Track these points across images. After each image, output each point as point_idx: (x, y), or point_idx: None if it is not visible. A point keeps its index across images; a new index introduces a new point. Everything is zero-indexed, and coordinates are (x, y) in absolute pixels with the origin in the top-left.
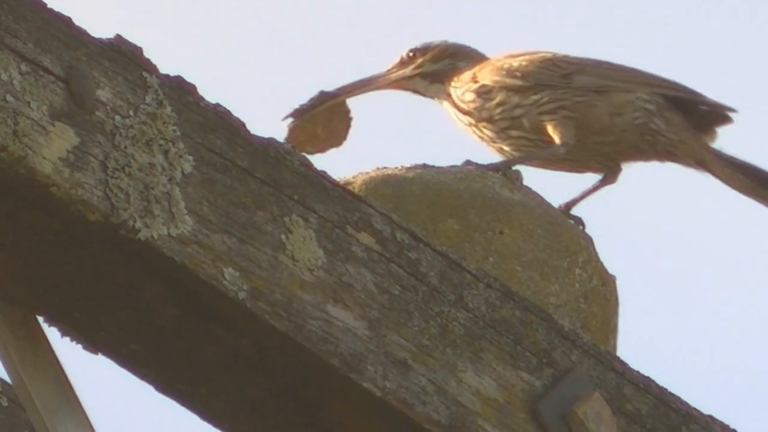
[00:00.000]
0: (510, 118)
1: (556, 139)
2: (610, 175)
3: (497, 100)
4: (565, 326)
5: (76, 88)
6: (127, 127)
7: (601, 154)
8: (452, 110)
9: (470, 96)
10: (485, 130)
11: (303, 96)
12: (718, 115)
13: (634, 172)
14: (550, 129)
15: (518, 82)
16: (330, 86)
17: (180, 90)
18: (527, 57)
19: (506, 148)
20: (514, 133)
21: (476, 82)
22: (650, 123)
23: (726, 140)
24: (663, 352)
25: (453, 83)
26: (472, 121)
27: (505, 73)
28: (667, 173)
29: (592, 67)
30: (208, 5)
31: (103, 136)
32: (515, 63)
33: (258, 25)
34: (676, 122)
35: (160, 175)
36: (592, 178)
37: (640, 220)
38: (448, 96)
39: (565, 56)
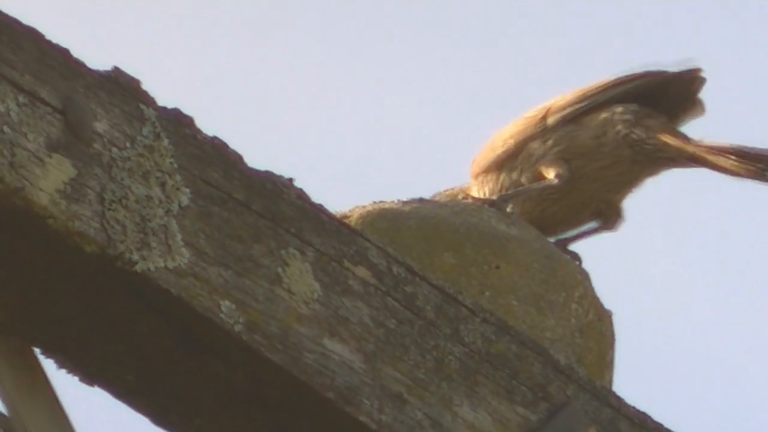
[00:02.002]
0: (508, 186)
1: (550, 175)
2: (608, 221)
3: (496, 180)
4: (560, 361)
5: (73, 120)
6: (124, 159)
7: (608, 183)
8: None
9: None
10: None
11: (300, 129)
12: (689, 85)
13: (631, 211)
14: (543, 171)
15: (508, 150)
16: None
17: (177, 122)
18: (509, 126)
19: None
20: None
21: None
22: (632, 134)
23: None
24: (659, 387)
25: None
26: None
27: (491, 149)
28: (666, 211)
29: (557, 103)
30: (205, 36)
31: (100, 168)
32: (500, 139)
33: (256, 58)
34: (655, 127)
35: (157, 207)
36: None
37: (637, 255)
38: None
39: (533, 109)
